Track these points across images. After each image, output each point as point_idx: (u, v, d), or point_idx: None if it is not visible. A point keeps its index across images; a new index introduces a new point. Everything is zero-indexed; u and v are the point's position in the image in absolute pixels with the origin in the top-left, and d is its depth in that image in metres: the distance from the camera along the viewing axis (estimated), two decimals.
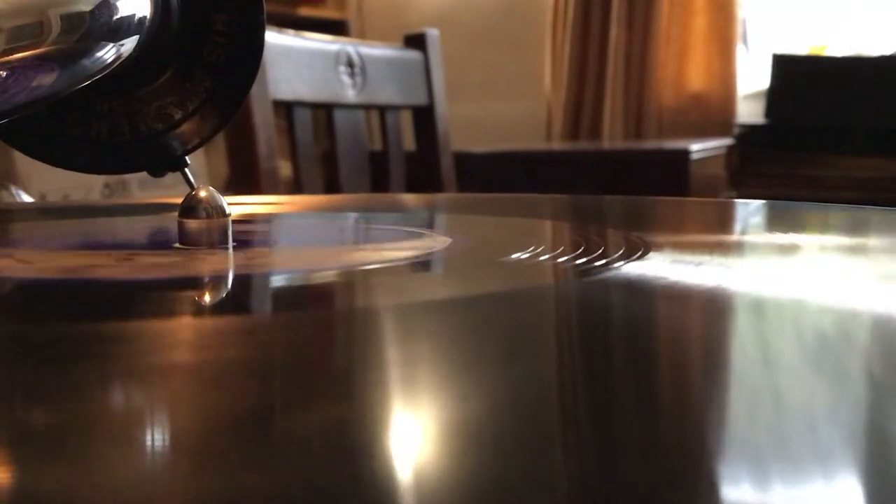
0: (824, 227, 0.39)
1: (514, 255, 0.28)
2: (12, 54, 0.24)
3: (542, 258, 0.27)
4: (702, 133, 2.04)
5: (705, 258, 0.28)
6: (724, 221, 0.44)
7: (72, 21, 0.25)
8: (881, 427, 0.13)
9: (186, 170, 0.32)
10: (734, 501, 0.11)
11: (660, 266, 0.25)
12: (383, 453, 0.12)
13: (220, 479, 0.11)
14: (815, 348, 0.18)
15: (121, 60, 0.28)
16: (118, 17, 0.27)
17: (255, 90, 0.32)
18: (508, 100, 2.47)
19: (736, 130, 2.11)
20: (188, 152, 0.32)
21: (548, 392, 0.15)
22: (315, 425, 0.13)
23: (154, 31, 0.29)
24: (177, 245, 0.30)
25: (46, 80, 0.25)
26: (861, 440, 0.13)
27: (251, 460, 0.12)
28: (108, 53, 0.27)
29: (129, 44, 0.28)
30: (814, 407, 0.14)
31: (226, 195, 0.30)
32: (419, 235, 0.35)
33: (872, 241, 0.35)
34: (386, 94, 1.10)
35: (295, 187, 1.00)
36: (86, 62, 0.26)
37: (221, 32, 0.32)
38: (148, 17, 0.29)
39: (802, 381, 0.16)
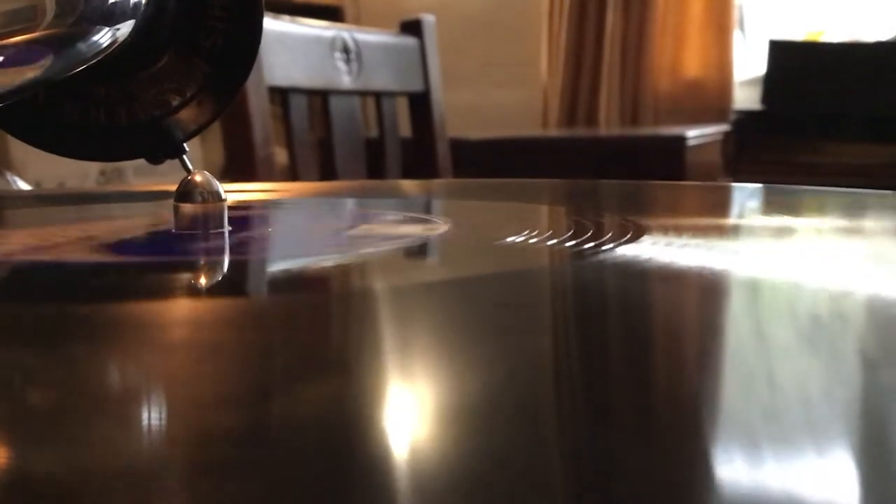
0: (819, 210, 0.39)
1: (509, 239, 0.28)
2: (5, 38, 0.24)
3: (537, 242, 0.27)
4: (698, 119, 2.04)
5: (700, 241, 0.28)
6: (719, 205, 0.44)
7: (66, 5, 0.25)
8: (875, 406, 0.13)
9: (184, 156, 0.32)
10: (728, 480, 0.11)
11: (654, 249, 0.25)
12: (379, 433, 0.12)
13: (214, 454, 0.11)
14: (809, 328, 0.18)
15: (116, 45, 0.27)
16: (113, 0, 0.27)
17: (250, 77, 0.32)
18: (505, 86, 2.46)
19: (732, 117, 2.11)
20: (186, 139, 0.32)
21: (542, 374, 0.15)
22: (311, 406, 0.13)
23: (150, 16, 0.29)
24: (172, 230, 0.30)
25: (40, 64, 0.25)
26: (855, 419, 0.13)
27: (246, 441, 0.12)
28: (103, 38, 0.27)
29: (125, 28, 0.28)
30: (808, 386, 0.14)
31: (222, 182, 0.30)
32: (415, 220, 0.35)
33: (867, 223, 0.35)
34: (382, 80, 1.09)
35: (291, 174, 0.99)
36: (80, 47, 0.26)
37: (219, 17, 0.31)
38: (143, 0, 0.28)
39: (797, 361, 0.16)
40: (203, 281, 0.25)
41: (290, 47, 0.96)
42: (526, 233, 0.28)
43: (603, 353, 0.17)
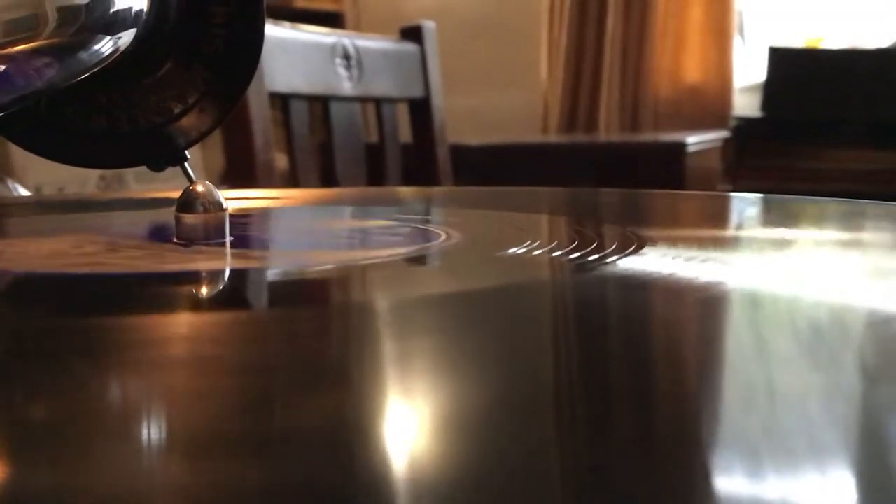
0: (820, 221, 0.39)
1: (510, 250, 0.28)
2: (8, 47, 0.24)
3: (538, 253, 0.27)
4: (698, 125, 2.04)
5: (701, 252, 0.28)
6: (719, 216, 0.44)
7: (68, 14, 0.25)
8: (874, 418, 0.13)
9: (186, 164, 0.32)
10: (728, 492, 0.11)
11: (655, 260, 0.25)
12: (380, 447, 0.12)
13: (217, 471, 0.11)
14: (809, 341, 0.18)
15: (118, 53, 0.28)
16: (115, 9, 0.27)
17: (251, 83, 0.32)
18: (505, 92, 2.46)
19: (732, 123, 2.11)
20: (188, 146, 0.32)
21: (543, 385, 0.15)
22: (312, 419, 0.13)
23: (151, 24, 0.29)
24: (174, 240, 0.30)
25: (43, 73, 0.25)
26: (854, 432, 0.13)
27: (248, 454, 0.12)
28: (104, 46, 0.27)
29: (126, 37, 0.28)
30: (808, 399, 0.14)
31: (222, 188, 0.30)
32: (416, 230, 0.35)
33: (868, 235, 0.35)
34: (382, 86, 1.10)
35: (291, 180, 1.00)
36: (82, 55, 0.26)
37: (220, 25, 0.31)
38: (145, 9, 0.28)
39: (797, 374, 0.16)
40: (201, 292, 0.25)
41: (291, 53, 0.96)
42: (527, 244, 0.28)
43: (603, 367, 0.17)
